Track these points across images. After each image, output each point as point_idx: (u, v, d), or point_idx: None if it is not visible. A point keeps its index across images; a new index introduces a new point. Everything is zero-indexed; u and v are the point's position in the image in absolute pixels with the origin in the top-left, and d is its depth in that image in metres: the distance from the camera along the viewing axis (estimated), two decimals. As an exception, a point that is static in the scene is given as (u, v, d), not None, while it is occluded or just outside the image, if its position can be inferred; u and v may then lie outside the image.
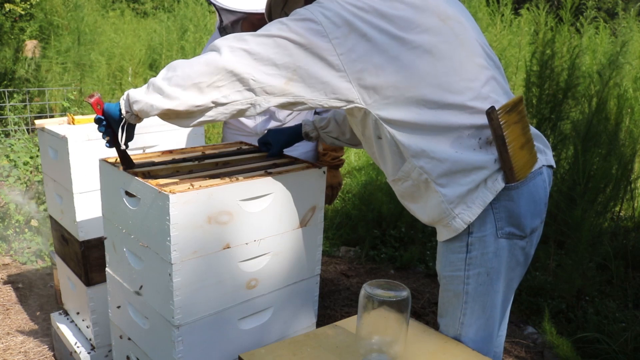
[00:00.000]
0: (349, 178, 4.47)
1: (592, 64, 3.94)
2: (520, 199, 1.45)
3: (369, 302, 1.27)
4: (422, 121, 1.39)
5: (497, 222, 1.44)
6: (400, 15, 1.37)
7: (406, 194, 1.52)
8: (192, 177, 1.56)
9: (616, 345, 2.60)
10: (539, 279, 3.16)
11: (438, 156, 1.39)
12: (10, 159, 3.66)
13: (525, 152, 1.46)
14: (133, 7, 10.57)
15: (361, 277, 3.51)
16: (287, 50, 1.33)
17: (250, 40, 1.35)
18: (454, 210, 1.42)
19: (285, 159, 1.81)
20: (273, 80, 1.35)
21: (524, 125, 1.47)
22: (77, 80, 5.50)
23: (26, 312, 2.94)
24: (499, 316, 1.57)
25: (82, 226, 2.04)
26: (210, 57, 1.35)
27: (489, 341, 1.57)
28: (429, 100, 1.38)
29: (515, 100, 1.45)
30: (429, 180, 1.42)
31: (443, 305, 1.57)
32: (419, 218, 1.55)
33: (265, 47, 1.34)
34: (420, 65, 1.37)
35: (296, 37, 1.33)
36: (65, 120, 2.18)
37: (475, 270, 1.47)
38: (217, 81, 1.34)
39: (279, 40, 1.34)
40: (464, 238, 1.45)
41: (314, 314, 1.85)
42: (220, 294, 1.55)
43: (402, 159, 1.44)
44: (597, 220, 3.40)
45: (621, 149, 3.50)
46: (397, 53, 1.36)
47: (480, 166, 1.40)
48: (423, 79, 1.37)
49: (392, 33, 1.36)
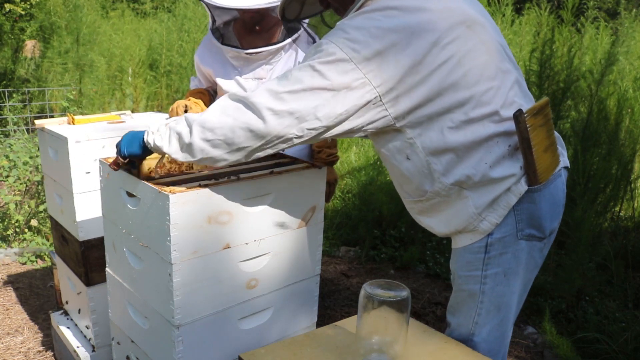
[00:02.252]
0: (349, 178, 4.47)
1: (592, 64, 3.94)
2: (541, 201, 1.46)
3: (369, 302, 1.26)
4: (456, 141, 1.38)
5: (517, 224, 1.44)
6: (428, 29, 1.33)
7: (427, 209, 1.51)
8: (192, 178, 1.56)
9: (616, 345, 2.60)
10: (539, 279, 3.15)
11: (469, 172, 1.40)
12: (9, 159, 3.65)
13: (549, 155, 1.47)
14: (133, 7, 10.57)
15: (361, 277, 3.51)
16: (325, 101, 1.33)
17: (288, 99, 1.33)
18: (482, 214, 1.43)
19: (286, 159, 1.81)
20: (316, 132, 1.37)
21: (549, 128, 1.49)
22: (77, 80, 5.50)
23: (26, 312, 2.94)
24: (512, 317, 1.58)
25: (82, 226, 2.04)
26: (252, 123, 1.34)
27: (501, 341, 1.57)
28: (462, 116, 1.37)
29: (542, 103, 1.46)
30: (461, 190, 1.42)
31: (457, 304, 1.57)
32: (435, 231, 1.54)
33: (305, 103, 1.33)
34: (451, 78, 1.35)
35: (331, 85, 1.32)
36: (65, 120, 2.18)
37: (493, 271, 1.48)
38: (263, 145, 1.37)
39: (316, 92, 1.32)
40: (483, 239, 1.46)
41: (314, 314, 1.85)
42: (220, 294, 1.55)
43: (432, 180, 1.42)
44: (597, 220, 3.40)
45: (621, 149, 3.50)
46: (429, 70, 1.33)
47: (509, 175, 1.41)
48: (455, 92, 1.36)
49: (422, 50, 1.32)
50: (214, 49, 2.32)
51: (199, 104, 2.31)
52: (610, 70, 3.48)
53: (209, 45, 2.34)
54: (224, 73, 2.29)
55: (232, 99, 1.39)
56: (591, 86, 3.48)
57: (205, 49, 2.35)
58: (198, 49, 2.38)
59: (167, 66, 6.17)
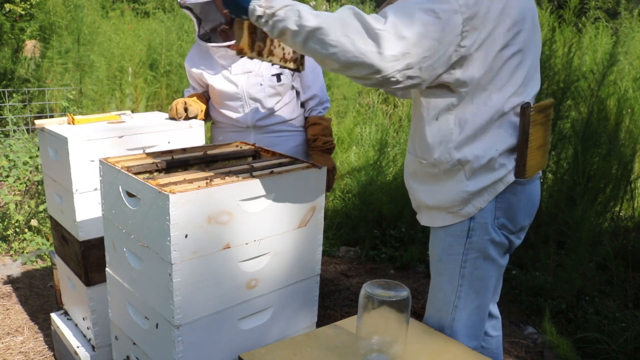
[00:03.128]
0: (349, 178, 4.47)
1: (592, 64, 3.94)
2: (522, 195, 1.52)
3: (369, 302, 1.27)
4: (484, 120, 1.45)
5: (496, 211, 1.50)
6: (513, 19, 1.41)
7: (421, 174, 1.56)
8: (191, 178, 1.56)
9: (616, 345, 2.60)
10: (539, 279, 3.16)
11: (479, 153, 1.46)
12: (9, 159, 3.65)
13: (540, 154, 1.54)
14: (133, 7, 10.57)
15: (361, 277, 3.51)
16: (436, 33, 1.33)
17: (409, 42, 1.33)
18: (469, 199, 1.48)
19: (286, 159, 1.81)
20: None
21: (547, 128, 1.57)
22: (77, 80, 5.50)
23: (26, 312, 2.94)
24: (489, 303, 1.63)
25: (82, 226, 2.04)
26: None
27: (480, 326, 1.62)
28: (501, 99, 1.44)
29: (547, 103, 1.56)
30: (460, 171, 1.48)
31: (436, 290, 1.61)
32: (418, 199, 1.59)
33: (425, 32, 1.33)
34: (510, 67, 1.44)
35: (443, 15, 1.33)
36: (65, 120, 2.18)
37: (473, 255, 1.52)
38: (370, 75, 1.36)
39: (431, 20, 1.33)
40: (465, 222, 1.51)
41: (314, 314, 1.85)
42: (220, 294, 1.55)
43: (444, 148, 1.48)
44: (597, 220, 3.40)
45: (621, 149, 3.49)
46: (500, 53, 1.41)
47: (507, 165, 1.48)
48: (508, 81, 1.44)
49: (503, 33, 1.39)
50: (202, 53, 2.38)
51: (197, 102, 2.33)
52: (610, 71, 3.48)
53: (197, 51, 2.41)
54: (213, 73, 2.34)
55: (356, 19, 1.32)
56: (591, 86, 3.48)
57: (194, 55, 2.42)
58: (187, 57, 2.45)
59: (167, 66, 6.17)
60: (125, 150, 2.05)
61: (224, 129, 2.43)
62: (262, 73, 2.29)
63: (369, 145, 4.81)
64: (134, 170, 1.64)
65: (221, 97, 2.34)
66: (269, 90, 2.30)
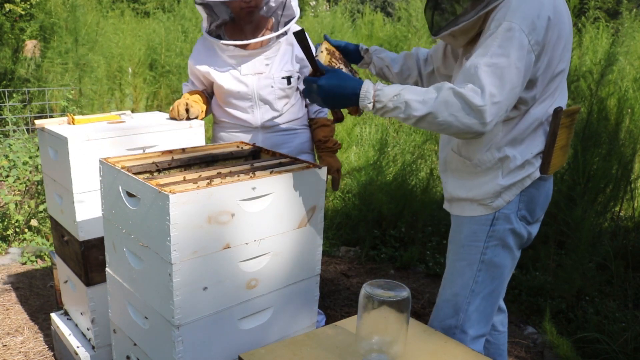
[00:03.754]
0: (349, 178, 4.47)
1: (592, 64, 3.94)
2: (541, 190, 1.67)
3: (369, 302, 1.27)
4: (525, 127, 1.59)
5: (519, 204, 1.64)
6: (564, 39, 1.55)
7: (463, 172, 1.68)
8: (191, 178, 1.56)
9: (616, 345, 2.60)
10: (539, 279, 3.16)
11: (514, 155, 1.59)
12: (9, 159, 3.65)
13: (561, 154, 1.70)
14: (133, 7, 10.57)
15: (361, 277, 3.51)
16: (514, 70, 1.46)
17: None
18: (501, 193, 1.61)
19: (286, 159, 1.81)
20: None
21: (570, 131, 1.73)
22: (77, 80, 5.50)
23: (26, 312, 2.94)
24: (502, 292, 1.75)
25: (82, 226, 2.04)
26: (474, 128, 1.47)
27: (490, 313, 1.73)
28: (543, 113, 1.59)
29: (575, 109, 1.72)
30: (498, 170, 1.61)
31: (453, 275, 1.72)
32: (452, 192, 1.72)
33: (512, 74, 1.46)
34: (556, 82, 1.58)
35: (520, 63, 1.46)
36: (65, 120, 2.18)
37: (494, 242, 1.65)
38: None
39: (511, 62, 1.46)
40: (492, 213, 1.64)
41: (314, 314, 1.85)
42: (220, 294, 1.55)
43: (487, 148, 1.61)
44: (597, 220, 3.40)
45: (621, 149, 3.50)
46: (552, 73, 1.56)
47: (536, 163, 1.62)
48: (552, 94, 1.59)
49: (558, 55, 1.54)
50: (208, 50, 2.35)
51: (199, 103, 2.33)
52: (610, 70, 3.49)
53: (203, 48, 2.38)
54: (222, 72, 2.32)
55: (455, 97, 1.44)
56: (591, 86, 3.48)
57: (200, 52, 2.38)
58: (192, 54, 2.41)
59: (167, 66, 6.17)
60: (125, 150, 2.05)
61: (228, 128, 2.42)
62: (273, 75, 2.30)
63: (369, 145, 4.80)
64: (134, 170, 1.64)
65: (229, 96, 2.33)
66: (279, 92, 2.31)
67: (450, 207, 1.77)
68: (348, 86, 1.52)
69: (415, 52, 1.98)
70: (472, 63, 1.45)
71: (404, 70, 1.97)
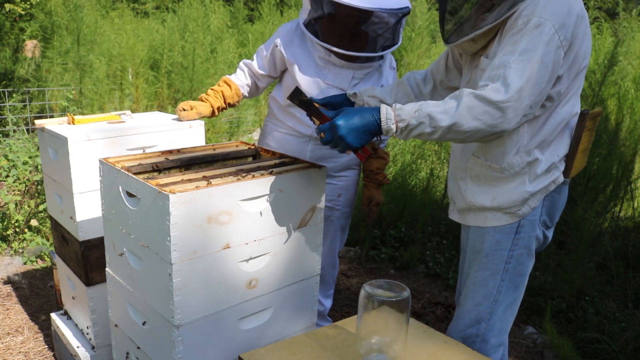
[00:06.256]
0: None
1: (594, 64, 3.94)
2: (562, 193, 1.65)
3: (369, 302, 1.26)
4: (552, 128, 1.56)
5: (542, 209, 1.60)
6: (589, 36, 1.53)
7: (485, 177, 1.62)
8: (191, 178, 1.56)
9: (616, 345, 2.60)
10: (539, 279, 3.16)
11: (541, 158, 1.56)
12: (9, 159, 3.65)
13: (582, 157, 1.68)
14: (133, 7, 10.57)
15: (361, 277, 3.51)
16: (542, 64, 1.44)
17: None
18: (528, 199, 1.57)
19: (286, 159, 1.81)
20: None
21: (592, 134, 1.71)
22: (77, 80, 5.50)
23: (26, 312, 2.94)
24: (522, 297, 1.71)
25: (82, 226, 2.04)
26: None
27: (511, 320, 1.70)
28: (569, 112, 1.57)
29: (598, 111, 1.72)
30: (526, 175, 1.57)
31: (476, 285, 1.66)
32: (472, 200, 1.65)
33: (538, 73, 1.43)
34: (580, 80, 1.56)
35: (547, 58, 1.43)
36: (65, 120, 2.18)
37: (519, 251, 1.61)
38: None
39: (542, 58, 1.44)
40: (516, 219, 1.60)
41: (314, 314, 1.85)
42: (220, 294, 1.55)
43: (516, 150, 1.56)
44: (597, 220, 3.40)
45: (621, 149, 3.50)
46: (577, 69, 1.53)
47: (559, 166, 1.60)
48: (576, 92, 1.56)
49: (583, 52, 1.51)
50: (302, 44, 2.22)
51: (208, 101, 2.28)
52: (612, 71, 3.48)
53: (297, 38, 2.23)
54: (307, 72, 2.20)
55: (482, 104, 1.41)
56: (592, 86, 3.48)
57: (294, 40, 2.23)
58: (282, 35, 2.25)
59: (168, 66, 6.17)
60: (125, 150, 2.05)
61: (281, 129, 2.34)
62: (347, 92, 2.21)
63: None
64: (134, 170, 1.64)
65: None
66: None
67: (466, 218, 1.70)
68: (365, 115, 1.44)
69: (407, 77, 1.90)
70: (502, 61, 1.41)
71: (399, 99, 1.88)
